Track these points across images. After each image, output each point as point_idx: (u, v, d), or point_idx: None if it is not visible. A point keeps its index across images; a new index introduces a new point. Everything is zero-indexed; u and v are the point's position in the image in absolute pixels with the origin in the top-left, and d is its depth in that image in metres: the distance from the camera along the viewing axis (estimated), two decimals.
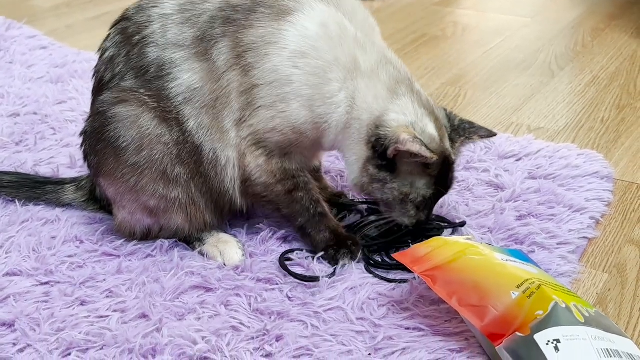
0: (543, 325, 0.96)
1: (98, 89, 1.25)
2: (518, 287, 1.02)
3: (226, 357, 1.03)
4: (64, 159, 1.56)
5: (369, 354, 1.04)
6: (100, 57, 1.26)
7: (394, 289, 1.18)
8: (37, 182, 1.42)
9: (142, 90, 1.19)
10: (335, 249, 1.23)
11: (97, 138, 1.21)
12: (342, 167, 1.49)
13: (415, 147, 1.13)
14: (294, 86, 1.16)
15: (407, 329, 1.09)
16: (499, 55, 2.23)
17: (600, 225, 1.37)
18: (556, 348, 0.94)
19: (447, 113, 1.26)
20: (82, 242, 1.29)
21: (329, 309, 1.12)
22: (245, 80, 1.17)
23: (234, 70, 1.17)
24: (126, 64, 1.21)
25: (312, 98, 1.17)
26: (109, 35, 1.25)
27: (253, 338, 1.07)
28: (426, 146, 1.13)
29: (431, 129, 1.18)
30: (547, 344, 0.94)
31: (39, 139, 1.65)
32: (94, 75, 1.28)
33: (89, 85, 1.89)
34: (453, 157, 1.22)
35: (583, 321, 0.98)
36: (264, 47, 1.16)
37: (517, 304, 1.00)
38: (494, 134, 1.29)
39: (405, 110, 1.18)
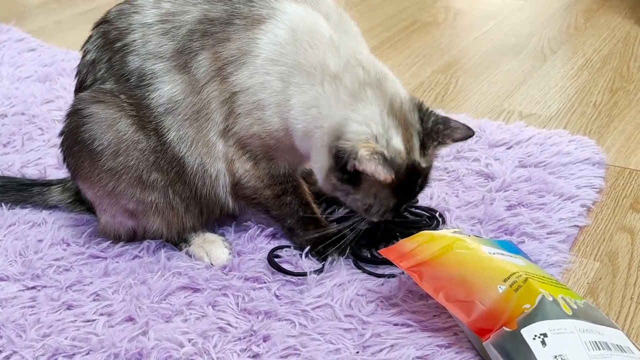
0: (530, 319, 0.95)
1: (80, 90, 1.24)
2: (505, 280, 1.01)
3: (213, 359, 1.02)
4: (52, 159, 1.55)
5: (357, 352, 1.03)
6: (82, 58, 1.25)
7: (382, 284, 1.17)
8: (23, 184, 1.41)
9: (122, 96, 1.18)
10: (323, 246, 1.22)
11: (73, 139, 1.21)
12: None
13: (370, 167, 1.06)
14: (266, 93, 1.16)
15: (396, 325, 1.08)
16: (491, 39, 2.21)
17: (592, 212, 1.36)
18: (543, 342, 0.93)
19: (421, 114, 1.16)
20: (68, 244, 1.28)
21: (317, 307, 1.12)
22: (224, 87, 1.17)
23: (214, 82, 1.17)
24: (108, 70, 1.20)
25: (279, 104, 1.16)
26: (90, 37, 1.24)
27: (240, 339, 1.06)
28: (384, 164, 1.06)
29: (397, 141, 1.10)
30: (534, 339, 0.93)
31: (26, 139, 1.64)
32: (76, 75, 1.27)
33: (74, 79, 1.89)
34: (423, 165, 1.14)
35: (571, 314, 0.97)
36: (241, 58, 1.16)
37: (504, 298, 0.99)
38: (471, 135, 1.19)
39: (370, 119, 1.11)
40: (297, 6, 1.18)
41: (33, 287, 1.18)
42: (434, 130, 1.16)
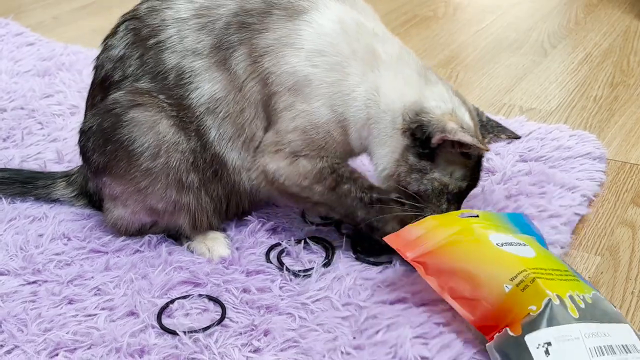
0: (535, 325, 0.93)
1: (103, 87, 1.22)
2: (511, 279, 0.99)
3: (214, 354, 1.02)
4: (51, 154, 1.55)
5: (354, 338, 1.03)
6: (106, 52, 1.22)
7: (380, 271, 1.17)
8: (28, 177, 1.40)
9: (161, 96, 1.17)
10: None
11: (106, 138, 1.18)
12: None
13: (467, 138, 1.08)
14: (313, 86, 1.14)
15: (391, 303, 1.08)
16: (491, 34, 2.20)
17: (593, 206, 1.36)
18: (547, 352, 0.91)
19: (475, 108, 1.22)
20: (69, 239, 1.28)
21: (317, 300, 1.11)
22: (266, 90, 1.15)
23: (254, 80, 1.15)
24: (140, 67, 1.18)
25: (332, 96, 1.14)
26: (116, 32, 1.22)
27: (241, 333, 1.06)
28: (477, 138, 1.09)
29: (467, 119, 1.14)
30: (538, 347, 0.92)
31: (26, 134, 1.64)
32: (95, 69, 1.25)
33: (76, 77, 1.89)
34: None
35: (577, 317, 0.95)
36: (280, 49, 1.14)
37: (510, 297, 0.97)
38: (518, 137, 1.25)
39: (442, 97, 1.14)
40: (337, 3, 1.18)
41: (34, 282, 1.17)
42: (490, 124, 1.21)
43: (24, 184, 1.38)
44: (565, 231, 1.24)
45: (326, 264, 1.19)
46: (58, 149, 1.55)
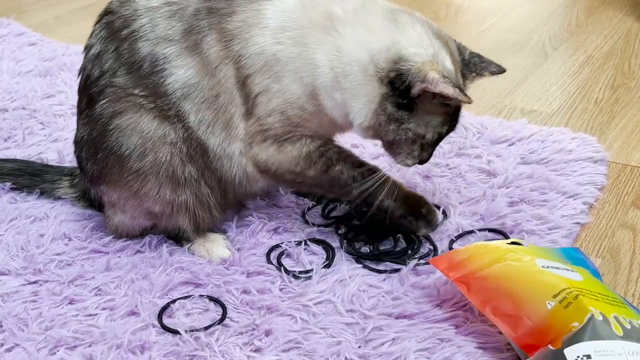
0: (575, 339, 0.91)
1: (85, 87, 1.23)
2: (554, 296, 0.97)
3: (215, 352, 1.02)
4: (53, 154, 1.55)
5: (359, 347, 1.03)
6: (86, 55, 1.23)
7: (384, 279, 1.17)
8: (37, 169, 1.42)
9: (136, 91, 1.16)
10: (408, 221, 1.21)
11: (97, 147, 1.19)
12: None
13: (448, 90, 1.04)
14: (281, 63, 1.14)
15: (397, 318, 1.08)
16: (493, 36, 2.21)
17: (594, 209, 1.36)
18: None
19: (457, 44, 1.18)
20: (70, 239, 1.28)
21: (319, 302, 1.11)
22: (239, 73, 1.16)
23: (226, 64, 1.15)
24: (116, 60, 1.18)
25: (298, 70, 1.14)
26: (93, 32, 1.22)
27: (242, 333, 1.06)
28: (459, 88, 1.06)
29: (449, 63, 1.10)
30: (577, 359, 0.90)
31: (27, 134, 1.64)
32: (79, 74, 1.25)
33: (77, 78, 1.88)
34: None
35: (621, 334, 0.91)
36: (247, 30, 1.15)
37: (553, 314, 0.95)
38: (504, 70, 1.21)
39: (421, 42, 1.10)
40: None
41: (35, 282, 1.18)
42: (472, 62, 1.17)
43: (33, 176, 1.40)
44: (567, 244, 1.24)
45: (327, 266, 1.19)
46: (59, 149, 1.55)
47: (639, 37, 2.15)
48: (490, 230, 1.27)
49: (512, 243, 1.13)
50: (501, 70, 1.21)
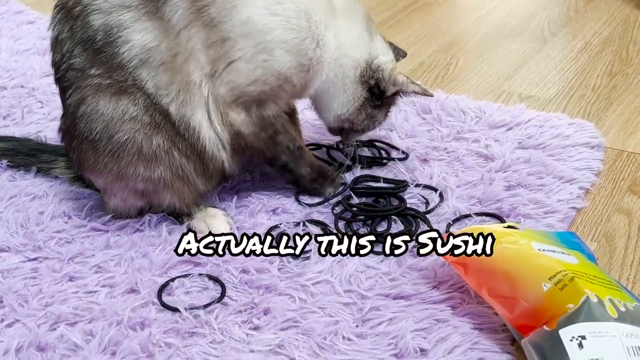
0: (570, 320, 0.92)
1: (55, 76, 1.21)
2: (550, 278, 0.98)
3: (214, 330, 1.03)
4: (51, 132, 1.55)
5: (357, 326, 1.05)
6: (51, 43, 1.21)
7: (381, 261, 1.18)
8: (33, 149, 1.42)
9: (92, 71, 1.14)
10: (319, 183, 1.31)
11: (72, 135, 1.20)
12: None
13: (417, 89, 1.29)
14: (275, 33, 1.15)
15: (394, 298, 1.10)
16: (492, 20, 2.21)
17: (590, 194, 1.37)
18: (580, 345, 0.90)
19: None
20: (70, 217, 1.28)
21: (317, 282, 1.13)
22: (212, 34, 1.14)
23: (195, 27, 1.14)
24: (72, 40, 1.15)
25: (298, 43, 1.17)
26: (52, 17, 1.19)
27: (241, 311, 1.07)
28: (420, 86, 1.29)
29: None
30: (572, 340, 0.90)
31: (26, 112, 1.64)
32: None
33: None
34: None
35: (616, 317, 0.93)
36: (230, 0, 1.14)
37: (549, 296, 0.96)
38: (405, 54, 1.40)
39: (384, 50, 1.29)
40: None
41: (35, 259, 1.18)
42: (395, 52, 1.36)
43: (28, 157, 1.40)
44: (563, 228, 1.25)
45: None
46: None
47: (638, 23, 2.15)
48: (487, 214, 1.28)
49: (508, 227, 1.14)
50: (403, 55, 1.39)
